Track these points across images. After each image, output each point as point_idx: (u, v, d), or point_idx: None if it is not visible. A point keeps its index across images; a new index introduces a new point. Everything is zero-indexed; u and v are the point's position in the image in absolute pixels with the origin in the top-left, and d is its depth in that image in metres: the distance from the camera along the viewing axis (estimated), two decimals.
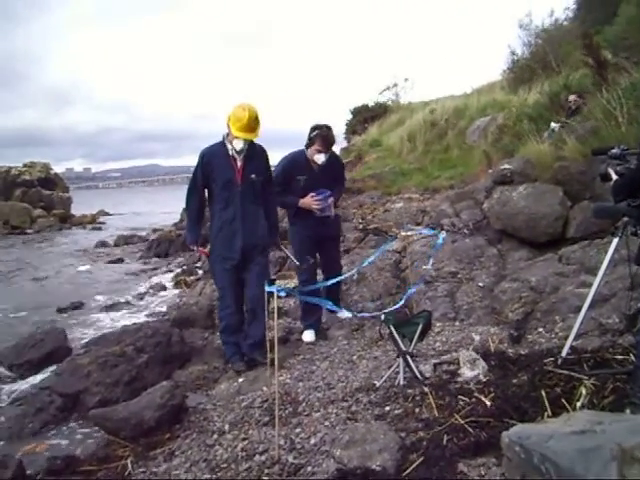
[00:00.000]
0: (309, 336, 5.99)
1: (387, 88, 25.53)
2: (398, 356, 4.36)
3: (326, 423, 3.91)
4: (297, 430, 3.88)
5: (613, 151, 3.76)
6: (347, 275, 6.16)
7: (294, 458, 3.52)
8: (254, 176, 5.33)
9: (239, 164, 5.26)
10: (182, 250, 14.99)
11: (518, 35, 19.41)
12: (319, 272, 6.33)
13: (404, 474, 3.01)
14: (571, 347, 4.00)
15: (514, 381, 3.89)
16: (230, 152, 5.24)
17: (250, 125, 5.09)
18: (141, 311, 9.59)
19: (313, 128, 5.75)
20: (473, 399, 3.67)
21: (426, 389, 3.96)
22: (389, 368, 4.51)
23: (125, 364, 5.29)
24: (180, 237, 15.61)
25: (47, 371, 6.06)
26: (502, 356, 4.47)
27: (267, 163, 5.56)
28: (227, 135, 5.23)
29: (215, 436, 4.07)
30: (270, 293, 4.03)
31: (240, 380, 5.14)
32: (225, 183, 5.24)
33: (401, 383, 4.25)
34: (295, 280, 6.97)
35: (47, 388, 5.27)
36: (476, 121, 16.41)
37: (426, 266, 6.61)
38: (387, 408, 3.91)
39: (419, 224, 9.51)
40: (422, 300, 6.28)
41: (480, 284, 6.38)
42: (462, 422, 3.39)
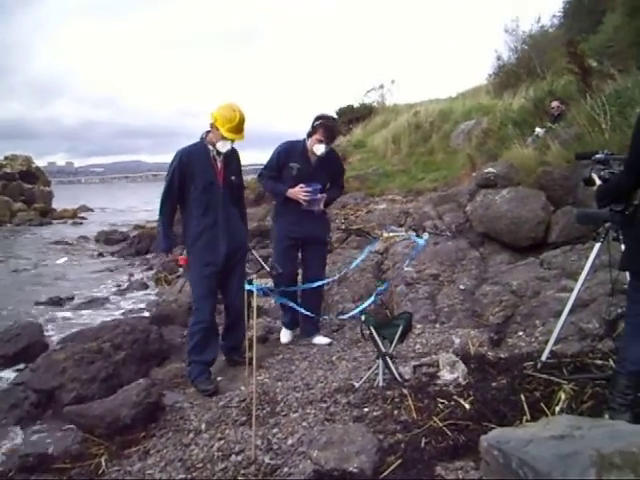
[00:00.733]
0: (285, 336, 5.89)
1: (372, 89, 25.57)
2: (378, 357, 4.35)
3: (304, 424, 3.89)
4: (274, 430, 3.86)
5: (597, 156, 3.76)
6: (333, 279, 6.13)
7: (271, 459, 3.50)
8: (234, 178, 5.21)
9: (219, 165, 5.07)
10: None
11: (504, 40, 19.52)
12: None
13: (381, 476, 3.00)
14: (551, 351, 4.01)
15: (493, 384, 3.89)
16: (211, 153, 5.04)
17: (240, 126, 4.95)
18: (120, 307, 9.52)
19: (318, 117, 5.55)
20: (452, 402, 3.66)
21: (405, 391, 3.95)
22: (369, 369, 4.49)
23: (102, 361, 5.22)
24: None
25: (22, 366, 5.98)
26: (482, 359, 4.46)
27: (240, 164, 5.42)
28: (207, 135, 5.06)
29: (191, 435, 4.04)
30: (250, 292, 4.00)
31: (219, 379, 5.09)
32: (206, 186, 4.99)
33: (380, 385, 4.23)
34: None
35: (22, 384, 5.19)
36: (461, 125, 16.49)
37: (407, 267, 6.62)
38: (366, 410, 3.90)
39: (402, 226, 9.50)
40: (403, 302, 6.26)
41: (461, 287, 6.37)
42: (441, 425, 3.37)
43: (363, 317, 4.61)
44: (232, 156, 5.18)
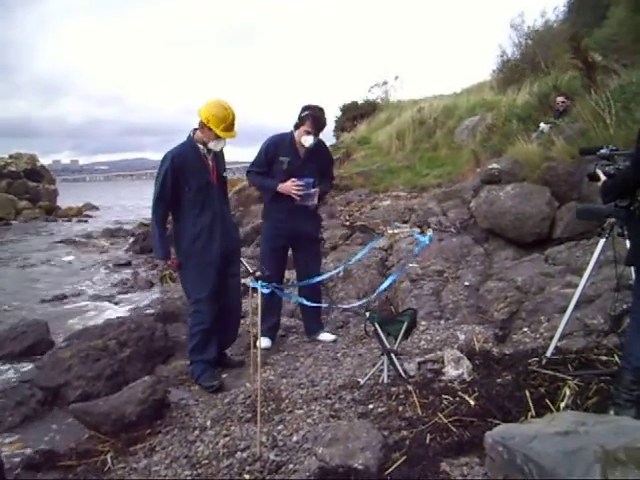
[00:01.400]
0: (264, 342, 5.50)
1: (376, 85, 25.51)
2: (382, 354, 4.35)
3: (309, 420, 3.89)
4: (279, 427, 3.86)
5: (602, 151, 3.76)
6: (332, 273, 6.08)
7: (276, 455, 3.49)
8: (225, 174, 5.19)
9: (211, 164, 5.00)
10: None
11: (508, 35, 19.42)
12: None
13: (386, 473, 2.99)
14: (556, 347, 4.00)
15: (498, 381, 3.89)
16: (202, 152, 4.95)
17: (233, 124, 4.88)
18: (125, 305, 9.51)
19: (305, 108, 5.44)
20: (457, 398, 3.66)
21: (410, 387, 3.95)
22: (373, 366, 4.50)
23: (107, 358, 5.23)
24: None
25: (28, 364, 5.99)
26: (487, 355, 4.47)
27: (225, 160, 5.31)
28: (194, 134, 4.95)
29: (196, 432, 4.04)
30: (254, 289, 4.00)
31: (223, 376, 5.10)
32: (201, 185, 4.91)
33: (385, 381, 4.24)
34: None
35: (28, 381, 5.20)
36: (465, 120, 16.43)
37: (410, 265, 6.62)
38: (370, 406, 3.90)
39: (406, 222, 9.49)
40: (407, 298, 6.26)
41: (466, 283, 6.37)
42: (445, 421, 3.38)
43: (367, 314, 4.61)
44: (219, 152, 5.09)
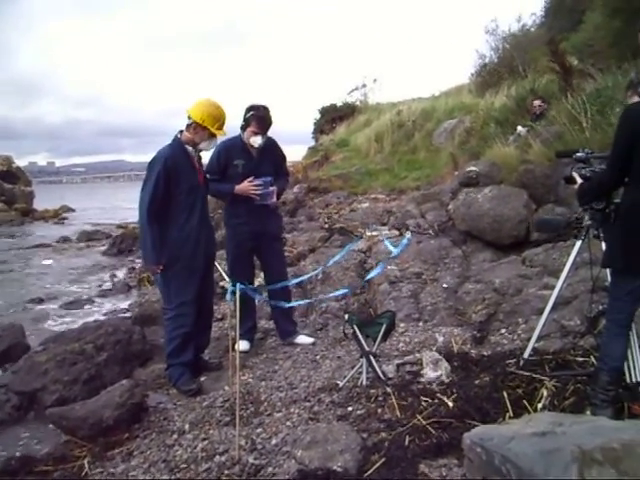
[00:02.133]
0: (243, 345, 5.52)
1: (356, 88, 25.59)
2: (361, 356, 4.35)
3: (288, 423, 3.88)
4: (258, 430, 3.84)
5: (578, 154, 3.81)
6: (310, 275, 6.08)
7: (255, 459, 3.48)
8: (208, 176, 5.18)
9: (197, 166, 4.97)
10: None
11: (486, 40, 19.61)
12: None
13: (365, 475, 3.00)
14: (533, 349, 4.04)
15: (476, 382, 3.91)
16: (190, 154, 4.91)
17: (225, 122, 4.88)
18: (102, 308, 9.45)
19: (248, 109, 5.36)
20: (435, 400, 3.68)
21: (389, 389, 3.96)
22: (352, 368, 4.49)
23: (84, 362, 5.17)
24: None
25: (3, 368, 5.91)
26: (465, 357, 4.49)
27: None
28: (181, 135, 4.90)
29: (175, 436, 4.01)
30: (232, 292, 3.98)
31: (202, 379, 5.07)
32: (192, 188, 4.87)
33: (364, 383, 4.24)
34: (259, 279, 6.64)
35: (3, 386, 5.12)
36: (443, 123, 16.54)
37: (390, 266, 6.63)
38: (349, 408, 3.90)
39: (385, 224, 9.52)
40: (386, 300, 6.27)
41: (444, 285, 6.39)
42: (424, 423, 3.39)
43: (346, 316, 4.62)
44: (198, 155, 5.06)
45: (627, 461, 2.14)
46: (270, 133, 5.48)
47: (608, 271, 3.57)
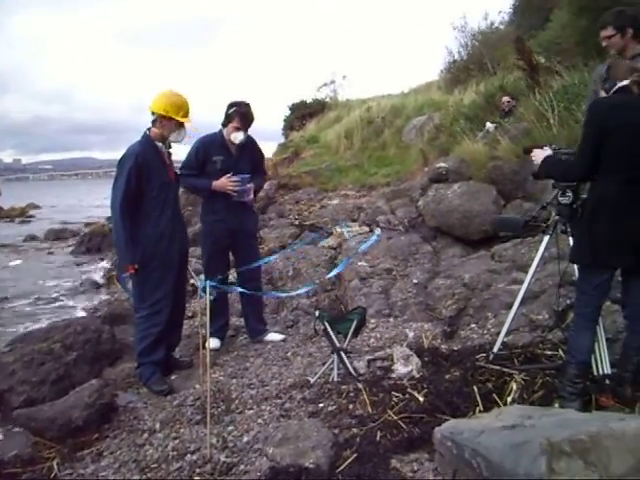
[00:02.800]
0: (214, 342, 5.42)
1: (325, 85, 25.60)
2: (332, 352, 4.36)
3: (259, 421, 3.87)
4: (230, 428, 3.83)
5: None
6: (271, 258, 6.04)
7: (226, 457, 3.47)
8: (178, 171, 5.13)
9: (168, 162, 4.92)
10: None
11: (455, 37, 19.75)
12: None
13: (337, 471, 3.00)
14: (502, 343, 4.07)
15: (447, 377, 3.93)
16: (161, 150, 4.85)
17: (189, 109, 4.82)
18: (71, 307, 9.34)
19: (231, 105, 5.36)
20: (406, 395, 3.69)
21: (360, 385, 3.96)
22: (323, 364, 4.50)
23: (52, 362, 5.10)
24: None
25: None
26: (435, 352, 4.51)
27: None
28: (150, 132, 4.83)
29: (145, 435, 3.97)
30: (203, 289, 3.96)
31: (172, 378, 5.03)
32: (163, 184, 4.81)
33: (335, 379, 4.24)
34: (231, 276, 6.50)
35: None
36: (413, 120, 16.62)
37: (360, 262, 6.64)
38: (321, 405, 3.90)
39: (355, 221, 9.54)
40: (357, 296, 6.28)
41: (414, 281, 6.42)
42: (395, 418, 3.40)
43: (317, 313, 4.62)
44: (169, 151, 5.00)
45: (594, 452, 2.17)
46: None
47: (575, 266, 3.62)
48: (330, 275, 5.27)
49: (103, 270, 12.06)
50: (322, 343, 5.15)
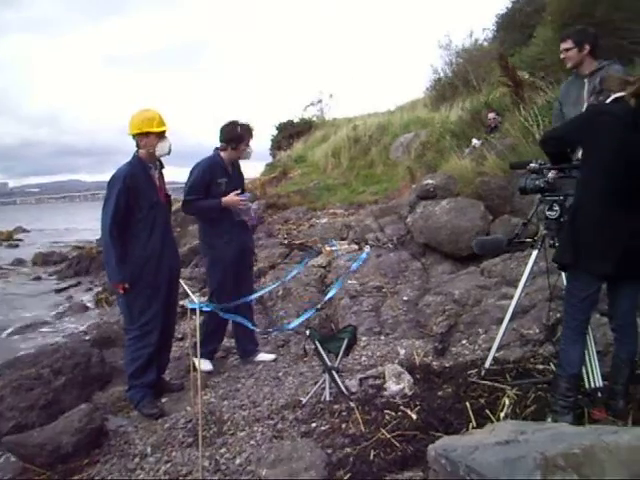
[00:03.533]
0: (207, 365, 5.45)
1: (312, 104, 25.75)
2: (324, 372, 4.34)
3: (252, 442, 3.84)
4: (222, 450, 3.80)
5: (532, 165, 3.87)
6: (268, 289, 6.05)
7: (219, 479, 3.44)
8: (170, 193, 5.12)
9: (157, 183, 4.91)
10: (104, 268, 14.56)
11: (440, 55, 19.95)
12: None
13: None
14: (494, 358, 4.07)
15: (439, 393, 3.93)
16: (149, 171, 4.84)
17: (163, 120, 4.80)
18: (60, 331, 9.24)
19: (235, 124, 5.38)
20: (399, 413, 3.68)
21: (352, 404, 3.95)
22: (315, 384, 4.48)
23: (41, 387, 5.05)
24: (102, 254, 15.16)
25: None
26: (427, 369, 4.51)
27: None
28: (139, 153, 4.82)
29: (137, 460, 3.93)
30: (193, 310, 3.94)
31: (163, 400, 4.99)
32: (152, 205, 4.80)
33: (327, 399, 4.22)
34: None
35: None
36: (400, 137, 16.73)
37: (350, 280, 6.64)
38: (313, 425, 3.88)
39: (344, 239, 9.56)
40: (347, 315, 6.27)
41: (405, 298, 6.43)
42: (389, 436, 3.38)
43: (308, 332, 4.61)
44: (161, 172, 5.01)
45: (588, 466, 2.16)
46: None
47: (564, 279, 3.63)
48: (327, 298, 5.25)
49: (91, 293, 11.99)
50: (313, 362, 5.14)
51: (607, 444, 2.24)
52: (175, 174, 5.22)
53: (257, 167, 22.98)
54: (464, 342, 5.11)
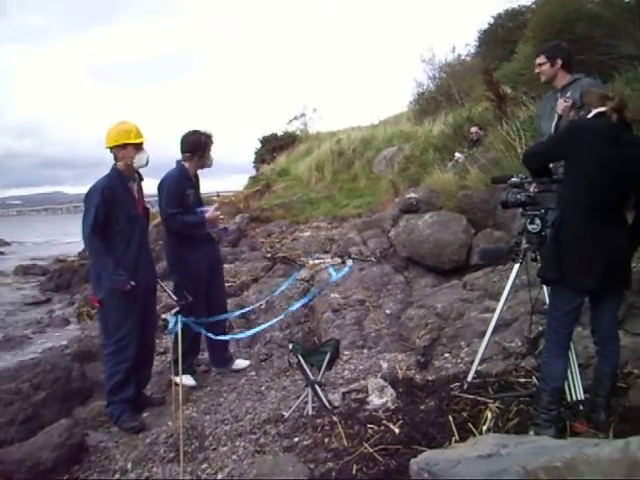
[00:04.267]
0: (190, 380, 5.40)
1: (295, 118, 25.84)
2: (306, 385, 4.33)
3: (234, 457, 3.82)
4: (203, 466, 3.78)
5: (513, 179, 3.90)
6: (256, 305, 6.05)
7: None
8: (148, 205, 5.13)
9: (136, 195, 4.90)
10: (85, 281, 14.44)
11: (423, 69, 20.12)
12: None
13: None
14: (476, 371, 4.07)
15: (422, 407, 3.92)
16: (127, 184, 4.82)
17: (139, 131, 4.80)
18: (40, 345, 9.13)
19: (198, 133, 5.37)
20: (382, 427, 3.67)
21: (335, 418, 3.93)
22: (298, 398, 4.46)
23: (20, 402, 4.99)
24: (83, 267, 15.02)
25: None
26: (410, 383, 4.50)
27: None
28: (116, 163, 4.80)
29: (117, 476, 3.91)
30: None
31: (144, 415, 4.94)
32: (130, 218, 4.78)
33: (310, 413, 4.21)
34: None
35: None
36: (383, 151, 16.80)
37: (333, 294, 6.63)
38: (296, 439, 3.86)
39: (327, 252, 9.56)
40: (330, 328, 6.26)
41: (387, 311, 6.42)
42: (371, 451, 3.37)
43: (291, 345, 4.59)
44: (140, 184, 5.00)
45: (570, 479, 2.16)
46: (215, 163, 5.55)
47: (546, 293, 3.65)
48: (297, 306, 5.26)
49: (73, 307, 11.88)
50: (296, 376, 5.11)
51: (588, 457, 2.25)
52: (154, 187, 5.19)
53: (240, 180, 23.03)
54: (447, 355, 5.11)
